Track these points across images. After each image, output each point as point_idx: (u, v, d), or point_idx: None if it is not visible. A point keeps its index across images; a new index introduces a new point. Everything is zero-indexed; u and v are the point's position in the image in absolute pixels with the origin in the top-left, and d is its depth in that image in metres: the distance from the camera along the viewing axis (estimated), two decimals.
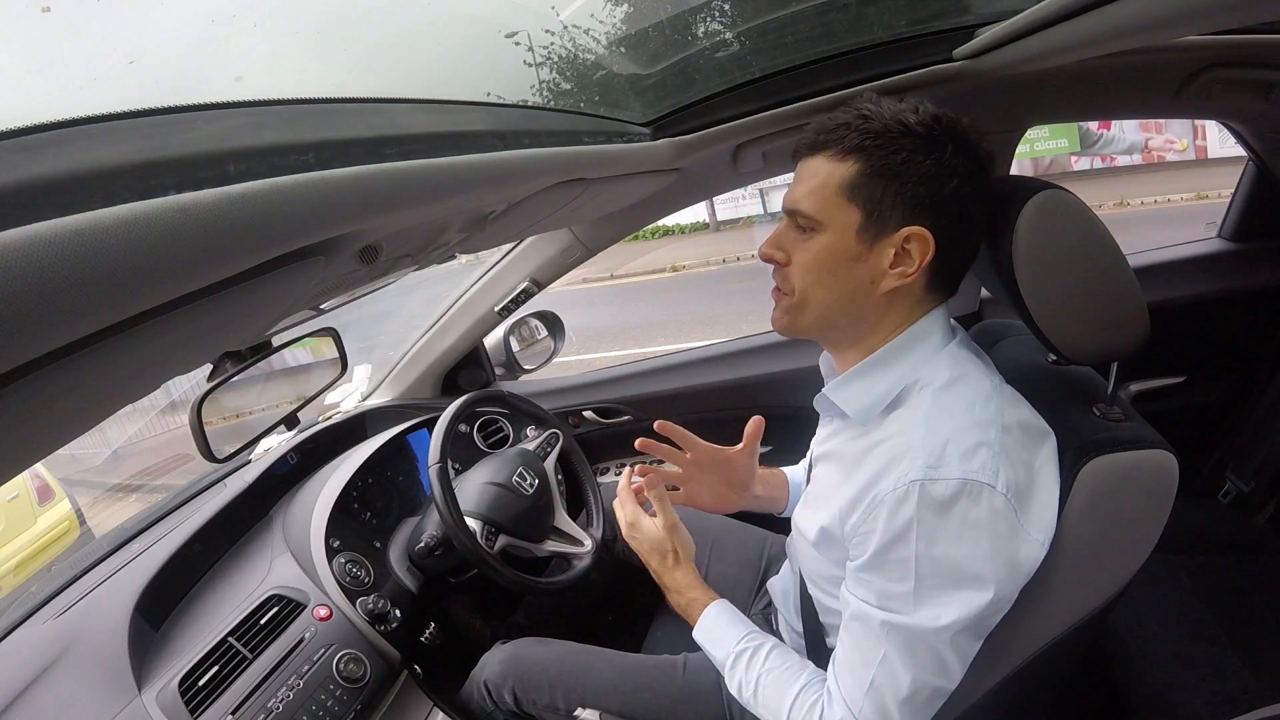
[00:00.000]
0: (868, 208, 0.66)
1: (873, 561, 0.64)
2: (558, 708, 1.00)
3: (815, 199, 0.68)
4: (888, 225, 0.66)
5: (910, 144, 0.64)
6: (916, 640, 0.63)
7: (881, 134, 0.65)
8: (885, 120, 0.65)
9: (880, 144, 0.65)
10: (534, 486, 1.20)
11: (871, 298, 0.69)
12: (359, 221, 0.46)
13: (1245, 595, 1.17)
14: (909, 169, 0.64)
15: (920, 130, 0.64)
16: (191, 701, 0.86)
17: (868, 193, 0.66)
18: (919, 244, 0.66)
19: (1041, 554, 0.64)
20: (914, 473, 0.61)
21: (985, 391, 0.66)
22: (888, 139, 0.65)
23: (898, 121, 0.65)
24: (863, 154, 0.65)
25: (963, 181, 0.65)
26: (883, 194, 0.65)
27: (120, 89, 0.42)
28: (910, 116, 0.65)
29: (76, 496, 4.22)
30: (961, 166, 0.65)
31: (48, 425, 0.38)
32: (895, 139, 0.64)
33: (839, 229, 0.67)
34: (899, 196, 0.65)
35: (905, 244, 0.66)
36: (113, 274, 0.28)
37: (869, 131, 0.65)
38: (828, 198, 0.67)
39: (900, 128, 0.65)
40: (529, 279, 1.49)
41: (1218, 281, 1.48)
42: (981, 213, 0.69)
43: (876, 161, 0.65)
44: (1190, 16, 0.58)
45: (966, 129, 0.66)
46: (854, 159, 0.66)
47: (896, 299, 0.69)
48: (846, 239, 0.67)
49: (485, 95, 0.84)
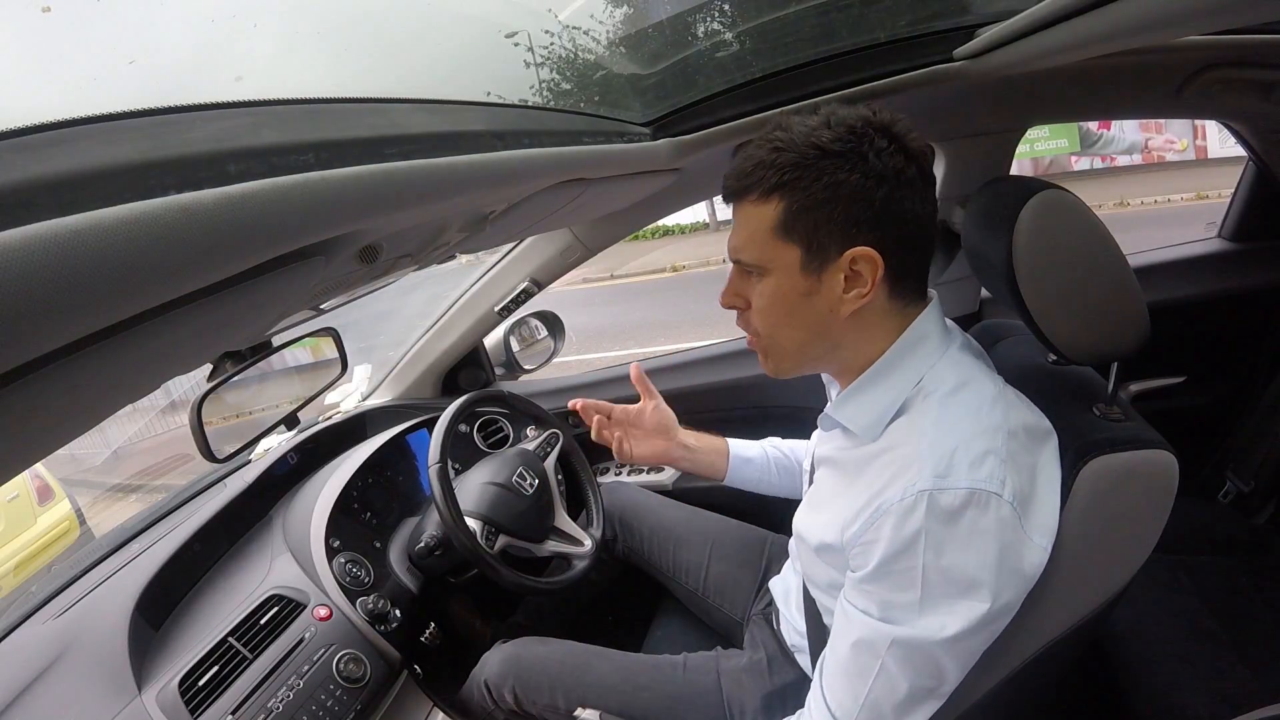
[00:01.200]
0: (805, 242, 0.65)
1: (877, 572, 0.63)
2: (558, 707, 1.00)
3: (753, 246, 0.68)
4: (829, 253, 0.64)
5: (830, 165, 0.62)
6: (917, 651, 0.63)
7: (799, 165, 0.63)
8: (799, 147, 0.63)
9: (799, 175, 0.63)
10: (534, 486, 1.20)
11: (837, 324, 0.68)
12: (359, 221, 0.46)
13: (1245, 595, 1.17)
14: (834, 191, 0.62)
15: (836, 148, 0.62)
16: (191, 701, 0.86)
17: (801, 227, 0.64)
18: (866, 263, 0.64)
19: (1044, 558, 0.64)
20: (922, 482, 0.60)
21: (990, 396, 0.66)
22: (805, 168, 0.63)
23: (811, 146, 0.63)
24: (784, 190, 0.64)
25: (894, 186, 0.63)
26: (815, 224, 0.64)
27: (120, 89, 0.42)
28: (824, 135, 0.63)
29: (76, 496, 4.22)
30: (888, 169, 0.62)
31: (48, 425, 0.38)
32: (813, 165, 0.63)
33: (783, 269, 0.67)
34: (832, 223, 0.63)
35: (853, 266, 0.64)
36: (113, 274, 0.28)
37: (785, 166, 0.63)
38: (764, 241, 0.66)
39: (815, 152, 0.62)
40: (529, 279, 1.49)
41: (1218, 281, 1.48)
42: (924, 205, 0.66)
43: (801, 195, 0.63)
44: (1190, 16, 0.58)
45: (886, 126, 0.63)
46: (778, 197, 0.65)
47: (865, 317, 0.68)
48: (793, 277, 0.66)
49: (485, 95, 0.84)
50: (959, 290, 1.42)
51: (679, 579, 1.21)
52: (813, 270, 0.66)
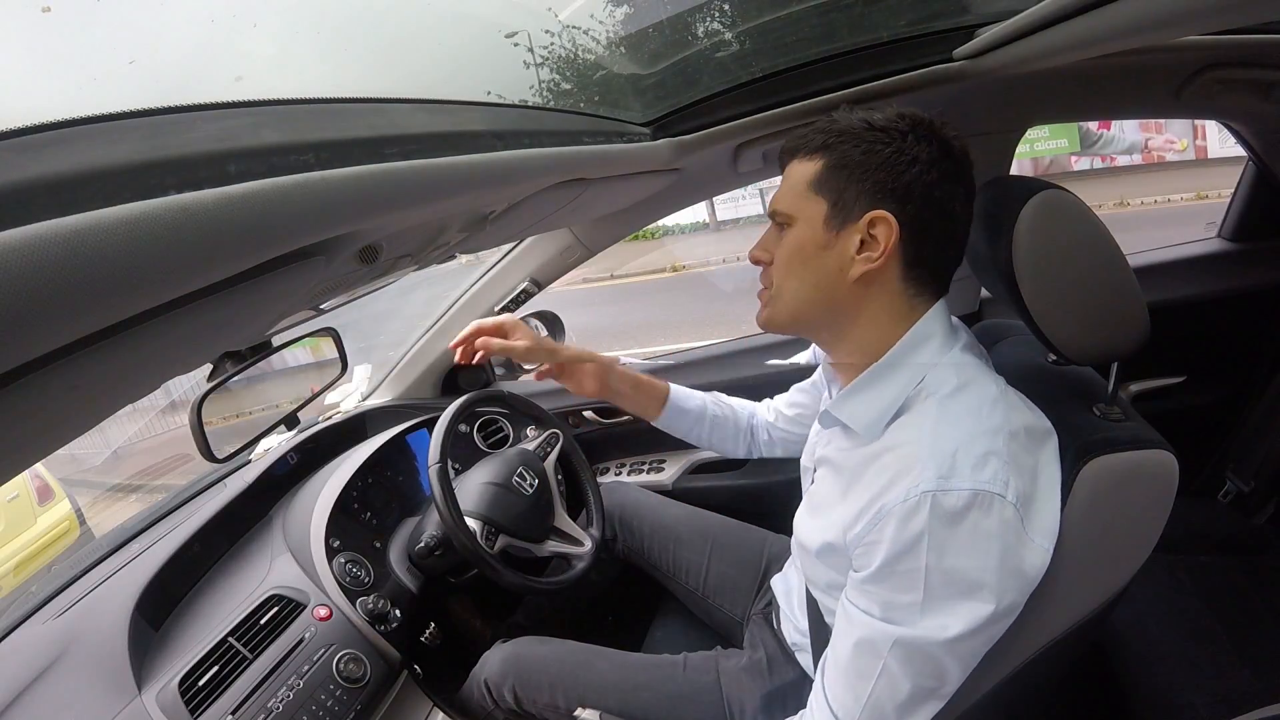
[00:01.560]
0: (833, 198, 0.69)
1: (879, 573, 0.63)
2: (558, 707, 1.00)
3: (789, 197, 0.73)
4: (852, 212, 0.68)
5: (871, 137, 0.68)
6: (918, 651, 0.63)
7: (844, 131, 0.69)
8: (851, 120, 0.70)
9: (842, 139, 0.69)
10: (534, 486, 1.20)
11: (844, 285, 0.70)
12: (359, 221, 0.46)
13: (1245, 595, 1.17)
14: (869, 158, 0.67)
15: (881, 124, 0.68)
16: (191, 701, 0.86)
17: (832, 183, 0.69)
18: (883, 227, 0.67)
19: (1046, 559, 0.64)
20: (925, 483, 0.60)
21: (992, 397, 0.66)
22: (849, 135, 0.69)
23: (862, 120, 0.69)
24: (826, 150, 0.70)
25: (925, 169, 0.66)
26: (845, 183, 0.68)
27: (120, 89, 0.42)
28: (875, 115, 0.69)
29: (76, 496, 4.22)
30: (924, 154, 0.67)
31: (48, 425, 0.38)
32: (857, 134, 0.69)
33: (807, 220, 0.71)
34: (861, 184, 0.68)
35: (870, 229, 0.67)
36: (113, 274, 0.28)
37: (833, 130, 0.70)
38: (798, 193, 0.72)
39: (863, 124, 0.69)
40: (529, 279, 1.49)
41: (1218, 281, 1.48)
42: (953, 202, 0.69)
43: (839, 155, 0.69)
44: (1190, 16, 0.58)
45: (932, 121, 0.69)
46: (819, 155, 0.70)
47: (871, 288, 0.70)
48: (815, 229, 0.70)
49: (485, 95, 0.84)
50: (959, 290, 1.42)
51: (679, 579, 1.21)
52: (834, 226, 0.69)
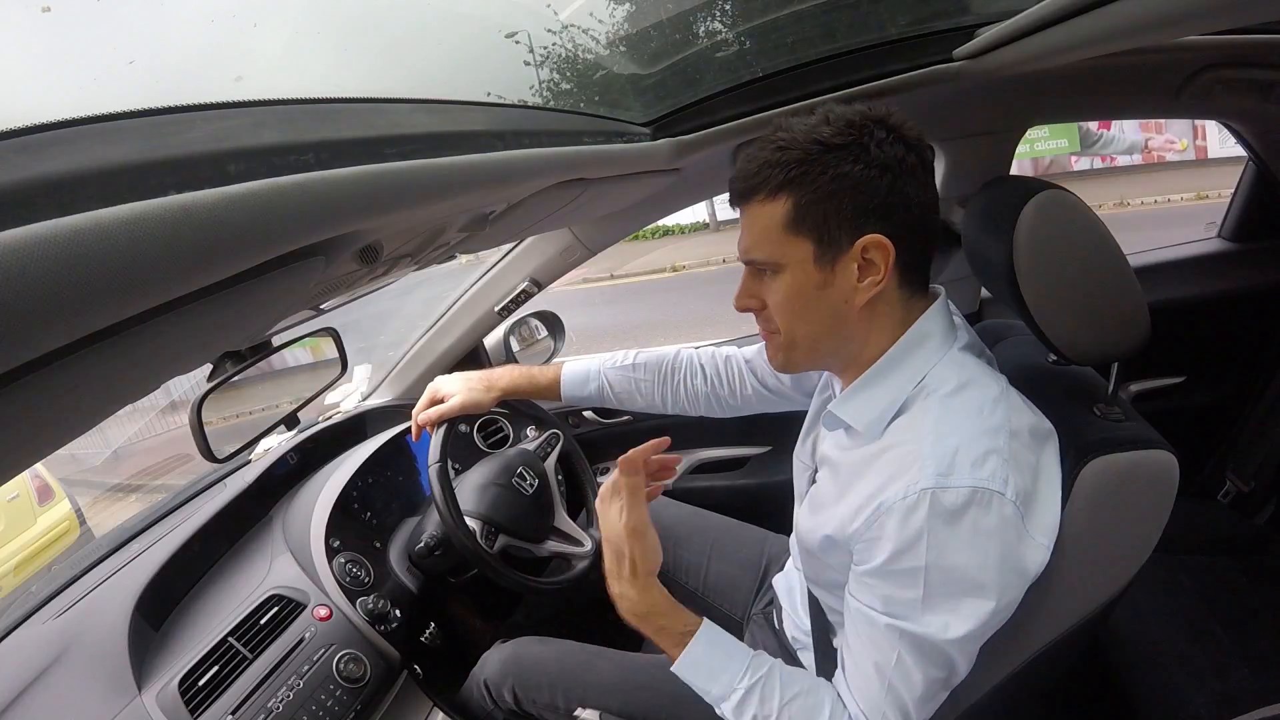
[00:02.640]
0: (816, 235, 0.66)
1: (880, 569, 0.64)
2: (558, 707, 0.99)
3: (765, 244, 0.69)
4: (841, 244, 0.66)
5: (834, 159, 0.64)
6: (926, 645, 0.63)
7: (803, 160, 0.65)
8: (801, 144, 0.65)
9: (805, 170, 0.65)
10: (534, 486, 1.20)
11: (852, 315, 0.69)
12: (359, 221, 0.46)
13: (1245, 595, 1.17)
14: (839, 183, 0.64)
15: (838, 141, 0.64)
16: (191, 701, 0.86)
17: (811, 221, 0.66)
18: (878, 250, 0.65)
19: (1046, 557, 0.64)
20: (924, 481, 0.60)
21: (993, 396, 0.66)
22: (810, 163, 0.64)
23: (813, 142, 0.64)
24: (792, 186, 0.65)
25: (896, 174, 0.64)
26: (824, 217, 0.65)
27: (120, 89, 0.42)
28: (825, 131, 0.65)
29: (76, 496, 4.22)
30: (890, 158, 0.64)
31: (48, 425, 0.38)
32: (817, 160, 0.64)
33: (797, 264, 0.68)
34: (841, 214, 0.65)
35: (865, 255, 0.66)
36: (113, 274, 0.28)
37: (790, 163, 0.65)
38: (775, 238, 0.68)
39: (818, 147, 0.64)
40: (529, 279, 1.49)
41: (1218, 281, 1.48)
42: (926, 193, 0.67)
43: (808, 189, 0.65)
44: (1190, 16, 0.58)
45: (882, 119, 0.65)
46: (785, 194, 0.66)
47: (877, 306, 0.69)
48: (808, 271, 0.67)
49: (485, 95, 0.84)
50: (959, 290, 1.42)
51: (679, 579, 1.21)
52: (826, 262, 0.67)
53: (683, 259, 9.29)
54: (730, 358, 1.11)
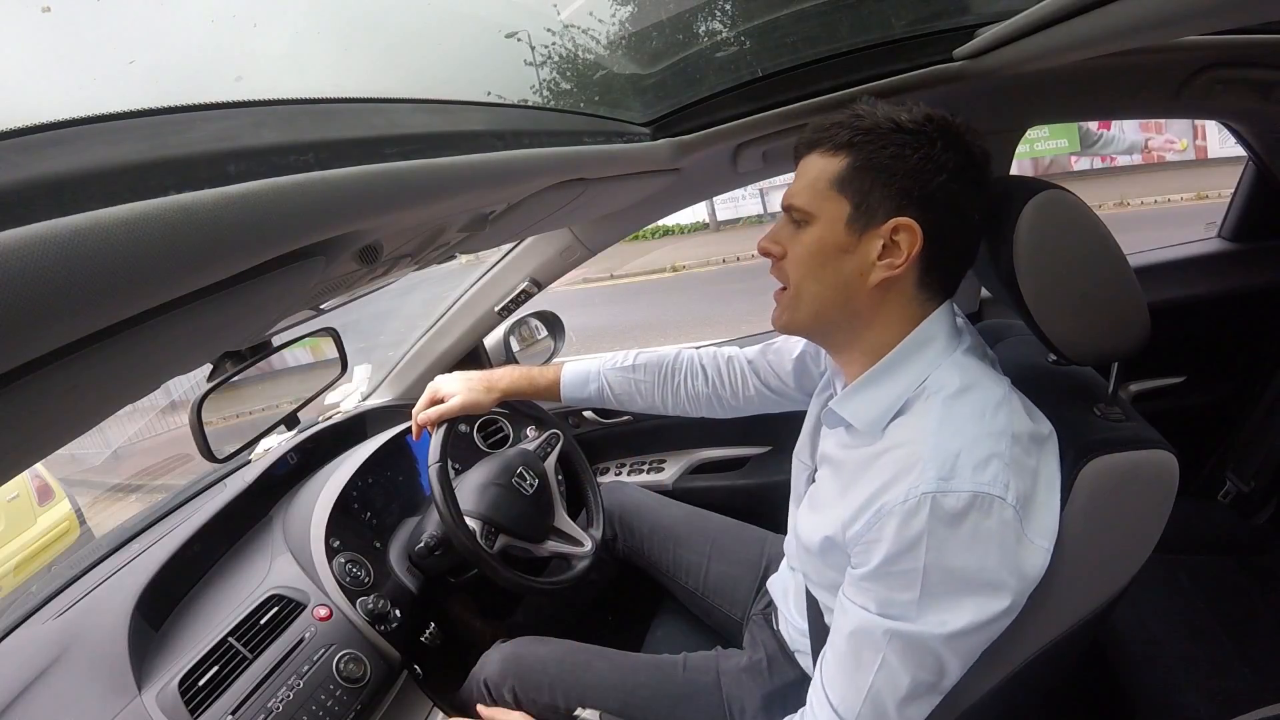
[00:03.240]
0: (856, 199, 0.68)
1: (878, 571, 0.63)
2: (557, 707, 0.99)
3: (808, 193, 0.71)
4: (875, 217, 0.67)
5: (899, 140, 0.66)
6: (917, 645, 0.63)
7: (871, 130, 0.67)
8: (877, 118, 0.67)
9: (869, 139, 0.67)
10: (534, 486, 1.20)
11: (863, 291, 0.69)
12: (359, 221, 0.46)
13: (1245, 595, 1.17)
14: (896, 163, 0.66)
15: (910, 127, 0.66)
16: (191, 701, 0.85)
17: (856, 185, 0.67)
18: (907, 235, 0.66)
19: (1046, 559, 0.64)
20: (925, 484, 0.60)
21: (996, 401, 0.66)
22: (877, 135, 0.67)
23: (889, 119, 0.67)
24: (852, 149, 0.68)
25: (951, 177, 0.66)
26: (871, 186, 0.67)
27: (120, 89, 0.42)
28: (903, 115, 0.67)
29: (76, 496, 4.22)
30: (951, 161, 0.66)
31: (48, 425, 0.38)
32: (885, 135, 0.67)
33: (829, 220, 0.69)
34: (887, 189, 0.66)
35: (893, 235, 0.67)
36: (113, 274, 0.28)
37: (860, 128, 0.68)
38: (819, 191, 0.69)
39: (891, 124, 0.67)
40: (529, 279, 1.49)
41: (1218, 281, 1.48)
42: (974, 210, 0.69)
43: (865, 155, 0.67)
44: (1190, 16, 0.58)
45: (959, 127, 0.68)
46: (844, 153, 0.68)
47: (889, 294, 0.70)
48: (836, 230, 0.69)
49: (485, 95, 0.84)
50: (959, 290, 1.42)
51: (679, 579, 1.21)
52: (856, 228, 0.68)
53: (683, 259, 9.29)
54: (732, 358, 1.11)
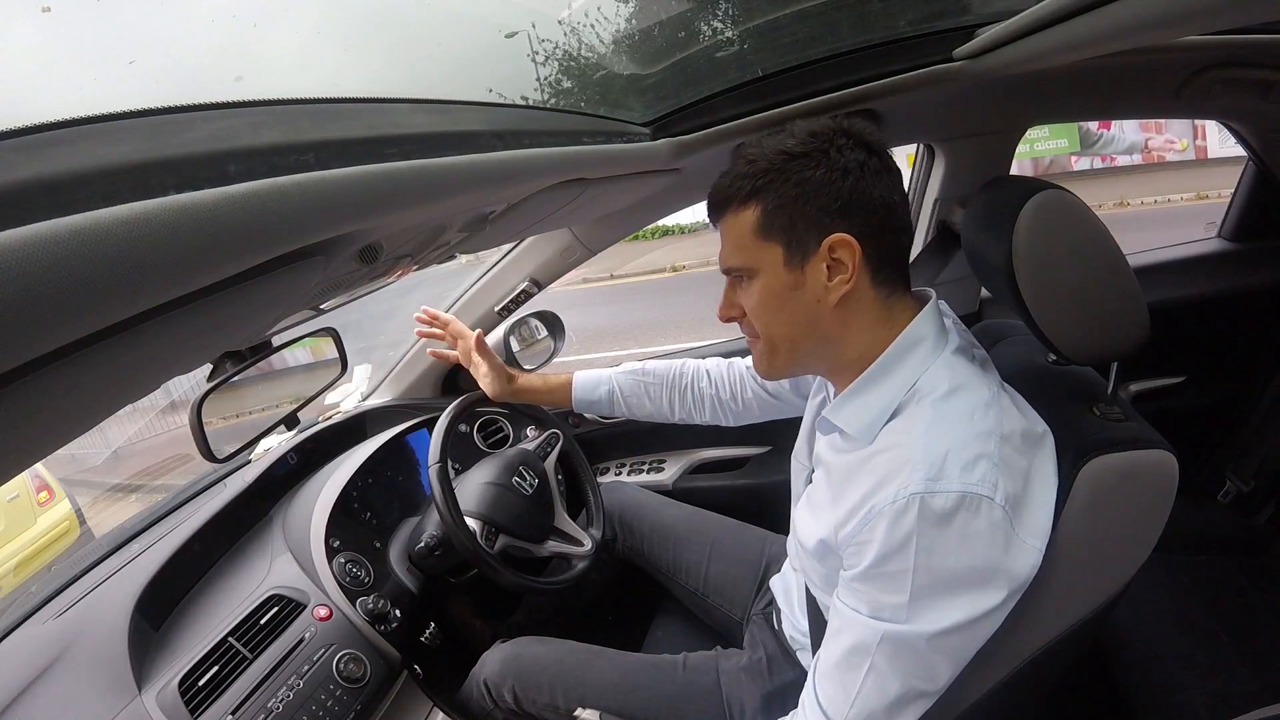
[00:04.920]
0: (784, 238, 0.69)
1: (868, 572, 0.64)
2: (557, 707, 1.00)
3: (739, 251, 0.72)
4: (809, 245, 0.68)
5: (797, 165, 0.68)
6: (907, 648, 0.63)
7: (768, 170, 0.69)
8: (768, 156, 0.69)
9: (770, 179, 0.68)
10: (534, 486, 1.20)
11: (827, 315, 0.70)
12: (359, 221, 0.46)
13: (1245, 595, 1.17)
14: (803, 187, 0.67)
15: (800, 150, 0.68)
16: (191, 701, 0.86)
17: (778, 225, 0.69)
18: (845, 249, 0.67)
19: (1038, 560, 0.64)
20: (914, 485, 0.61)
21: (984, 400, 0.66)
22: (774, 172, 0.68)
23: (778, 152, 0.69)
24: (759, 194, 0.69)
25: (858, 176, 0.67)
26: (792, 220, 0.68)
27: (120, 89, 0.42)
28: (789, 142, 0.69)
29: (76, 496, 4.23)
30: (851, 161, 0.67)
31: (48, 425, 0.38)
32: (781, 168, 0.68)
33: (768, 267, 0.71)
34: (807, 216, 0.68)
35: (832, 254, 0.68)
36: (113, 274, 0.28)
37: (757, 173, 0.69)
38: (747, 245, 0.71)
39: (783, 157, 0.68)
40: (529, 279, 1.49)
41: (1218, 281, 1.48)
42: (891, 193, 0.70)
43: (774, 195, 0.68)
44: (1190, 16, 0.58)
45: (845, 126, 0.69)
46: (754, 202, 0.70)
47: (851, 306, 0.70)
48: (778, 273, 0.70)
49: (486, 95, 0.84)
50: (959, 290, 1.42)
51: (679, 579, 1.21)
52: (795, 264, 0.69)
53: (683, 259, 9.29)
54: (733, 363, 1.14)
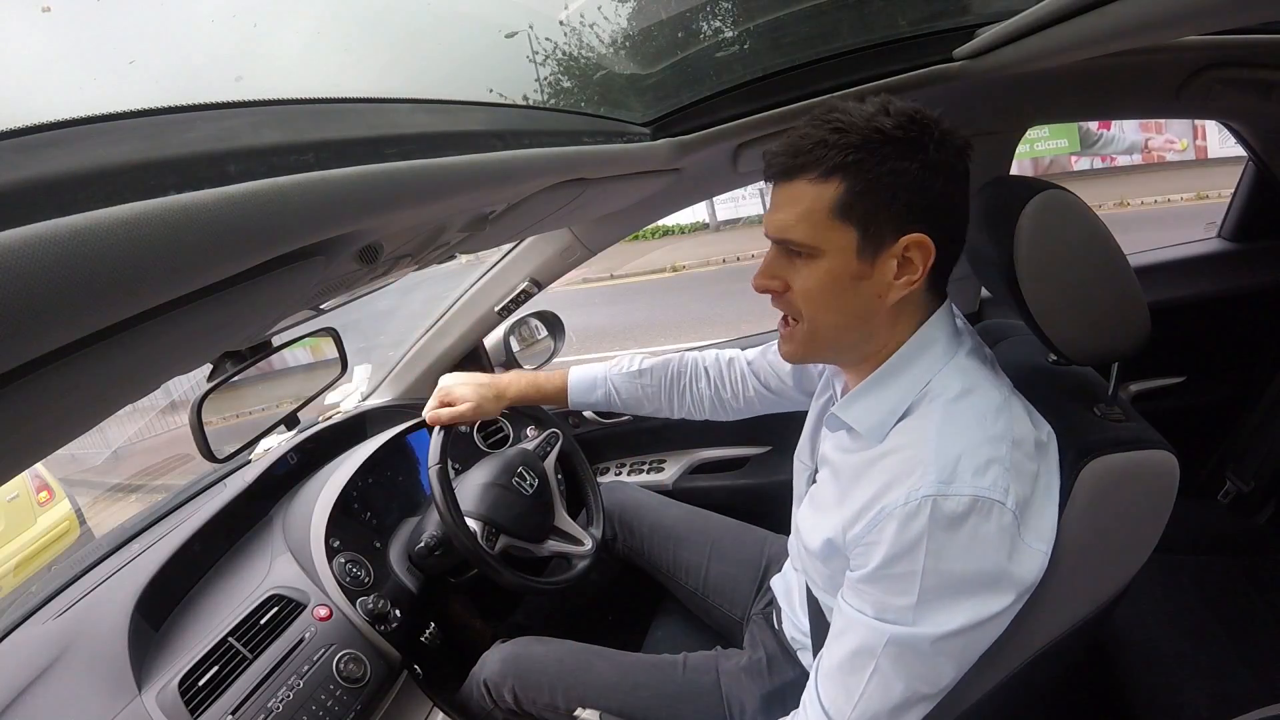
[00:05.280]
0: (863, 225, 0.64)
1: (875, 574, 0.63)
2: (557, 707, 0.99)
3: (806, 226, 0.65)
4: (885, 238, 0.64)
5: (892, 151, 0.62)
6: (912, 651, 0.63)
7: (862, 147, 0.62)
8: (861, 130, 0.62)
9: (862, 158, 0.62)
10: (534, 486, 1.20)
11: (881, 312, 0.68)
12: (359, 221, 0.46)
13: (1245, 595, 1.17)
14: (897, 178, 0.62)
15: (899, 135, 0.62)
16: (191, 701, 0.85)
17: (860, 210, 0.63)
18: (920, 250, 0.64)
19: (1044, 563, 0.64)
20: (926, 488, 0.60)
21: (997, 404, 0.66)
22: (869, 151, 0.62)
23: (874, 130, 0.62)
24: (847, 171, 0.63)
25: (948, 179, 0.64)
26: (875, 208, 0.63)
27: (120, 89, 0.42)
28: (885, 121, 0.62)
29: (76, 496, 4.23)
30: (944, 163, 0.64)
31: (48, 425, 0.38)
32: (876, 149, 0.62)
33: (837, 251, 0.65)
34: (892, 208, 0.63)
35: (906, 252, 0.65)
36: (113, 274, 0.28)
37: (848, 146, 0.62)
38: (819, 222, 0.65)
39: (879, 136, 0.62)
40: (529, 279, 1.49)
41: (1218, 281, 1.48)
42: (967, 204, 0.68)
43: (863, 177, 0.63)
44: (1190, 16, 0.58)
45: (941, 122, 0.65)
46: (839, 178, 0.63)
47: (904, 307, 0.69)
48: (848, 260, 0.65)
49: (486, 95, 0.84)
50: (959, 290, 1.42)
51: (679, 578, 1.21)
52: (867, 255, 0.65)
53: (683, 259, 9.29)
54: (733, 360, 1.12)
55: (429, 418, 1.10)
